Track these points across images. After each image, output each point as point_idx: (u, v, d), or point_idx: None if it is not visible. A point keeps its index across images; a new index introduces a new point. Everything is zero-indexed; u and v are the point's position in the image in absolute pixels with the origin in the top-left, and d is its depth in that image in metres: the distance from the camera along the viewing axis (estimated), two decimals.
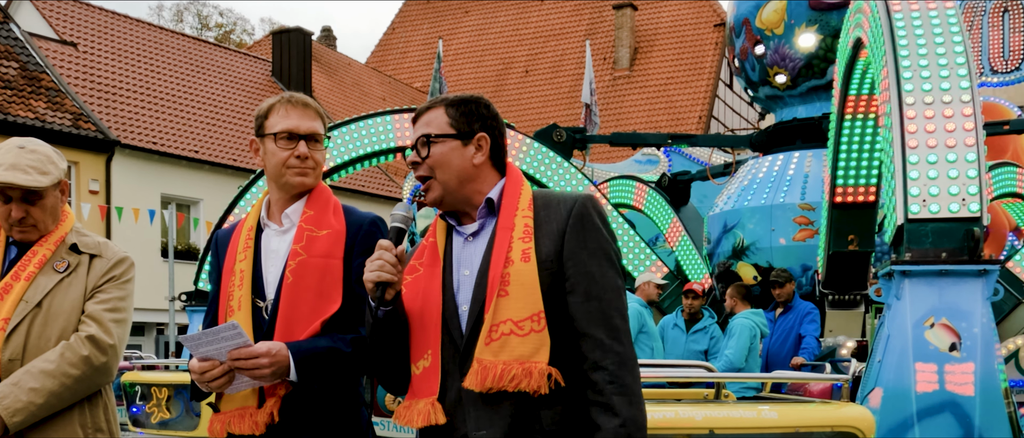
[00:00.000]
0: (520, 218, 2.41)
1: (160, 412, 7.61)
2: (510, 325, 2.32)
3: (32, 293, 3.11)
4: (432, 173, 2.45)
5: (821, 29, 10.94)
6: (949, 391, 5.08)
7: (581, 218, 2.40)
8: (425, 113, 2.51)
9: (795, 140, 11.43)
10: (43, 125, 20.30)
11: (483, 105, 2.52)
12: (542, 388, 2.30)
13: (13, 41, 21.76)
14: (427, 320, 2.45)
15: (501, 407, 2.32)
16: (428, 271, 2.49)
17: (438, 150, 2.45)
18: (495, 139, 2.51)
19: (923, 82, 5.70)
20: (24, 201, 3.12)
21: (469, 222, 2.50)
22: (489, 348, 2.33)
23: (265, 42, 36.24)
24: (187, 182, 23.82)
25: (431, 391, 2.41)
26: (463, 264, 2.46)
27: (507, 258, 2.36)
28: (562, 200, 2.44)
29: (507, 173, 2.53)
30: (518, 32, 42.69)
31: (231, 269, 2.82)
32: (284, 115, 2.82)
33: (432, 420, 2.38)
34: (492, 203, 2.47)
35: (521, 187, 2.49)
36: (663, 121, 36.75)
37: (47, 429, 3.06)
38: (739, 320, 8.24)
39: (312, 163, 2.82)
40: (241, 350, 2.58)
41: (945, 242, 5.32)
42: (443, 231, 2.54)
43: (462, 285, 2.44)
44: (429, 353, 2.44)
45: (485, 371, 2.31)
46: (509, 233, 2.40)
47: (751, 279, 10.89)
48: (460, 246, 2.49)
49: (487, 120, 2.51)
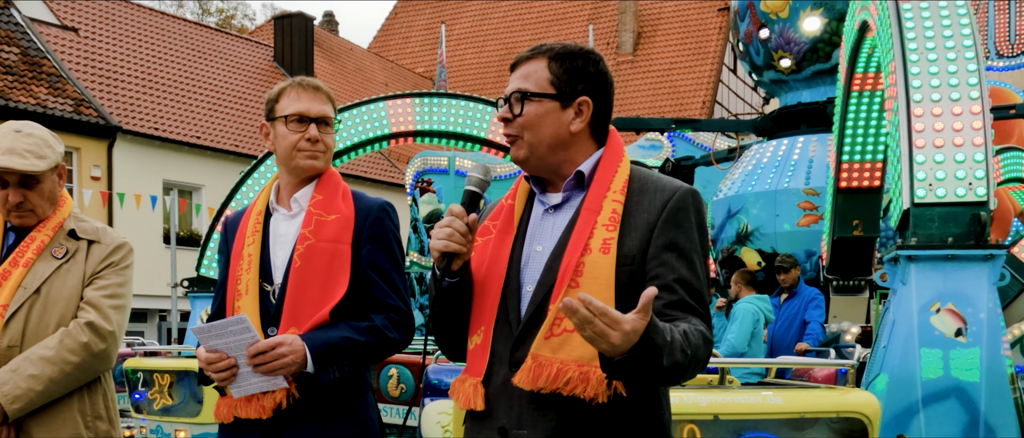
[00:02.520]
0: (609, 201, 2.15)
1: (162, 398, 7.60)
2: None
3: (30, 279, 3.10)
4: (521, 133, 2.19)
5: (826, 12, 10.88)
6: (954, 377, 5.06)
7: (676, 214, 2.13)
8: (525, 62, 2.24)
9: (800, 125, 11.39)
10: (44, 111, 20.26)
11: (592, 61, 2.22)
12: (600, 396, 2.07)
13: (14, 26, 21.72)
14: (487, 293, 2.21)
15: (549, 409, 2.10)
16: (499, 238, 2.24)
17: (532, 110, 2.18)
18: (599, 104, 2.22)
19: (930, 66, 5.66)
20: (21, 186, 3.10)
21: (553, 191, 2.25)
22: (548, 343, 2.09)
23: (267, 27, 36.15)
24: (189, 168, 23.80)
25: (478, 372, 2.21)
26: (537, 238, 2.22)
27: (586, 245, 2.11)
28: (660, 188, 2.16)
29: (607, 144, 2.26)
30: (521, 17, 42.60)
31: (239, 253, 2.82)
32: (295, 98, 2.82)
33: (472, 404, 2.19)
34: (582, 177, 2.21)
35: (619, 164, 2.21)
36: (666, 106, 36.69)
37: (46, 416, 3.05)
38: (742, 305, 8.23)
39: (322, 146, 2.82)
40: (258, 345, 2.56)
41: (951, 227, 5.28)
42: (524, 195, 2.29)
43: (531, 261, 2.20)
44: (482, 330, 2.21)
45: (539, 369, 2.08)
46: (594, 217, 2.14)
47: (755, 265, 10.86)
48: (539, 217, 2.25)
49: (594, 80, 2.22)
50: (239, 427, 2.73)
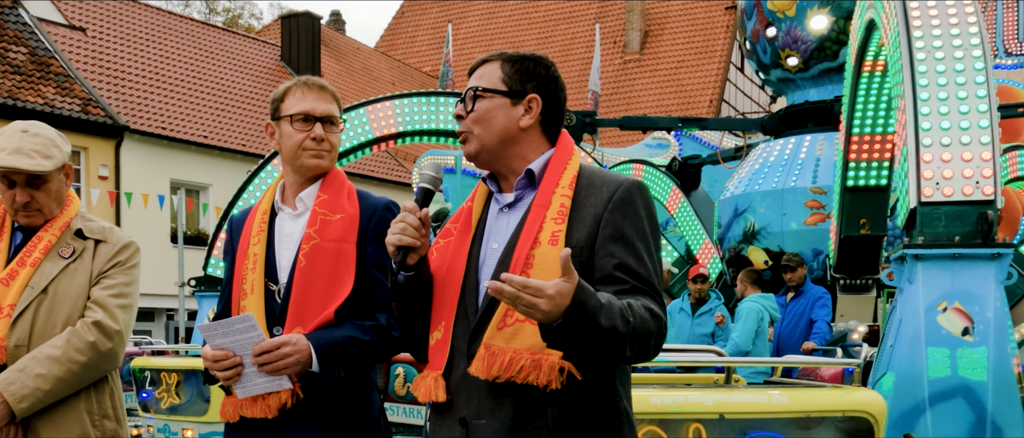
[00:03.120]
0: (558, 196, 2.23)
1: (169, 397, 7.62)
2: None
3: (38, 279, 3.10)
4: (472, 128, 2.30)
5: (834, 11, 10.88)
6: (961, 376, 5.05)
7: (622, 204, 2.21)
8: (481, 66, 2.38)
9: (807, 123, 11.39)
10: (52, 110, 20.31)
11: (543, 65, 2.35)
12: (553, 383, 2.13)
13: (22, 26, 21.77)
14: (447, 291, 2.31)
15: (505, 398, 2.17)
16: (458, 238, 2.35)
17: (483, 105, 2.30)
18: (550, 103, 2.33)
19: (937, 64, 5.65)
20: (28, 185, 3.10)
21: (509, 190, 2.34)
22: (501, 333, 2.17)
23: (274, 26, 36.19)
24: (196, 167, 23.84)
25: (438, 366, 2.29)
26: (493, 236, 2.31)
27: (535, 239, 2.19)
28: (607, 182, 2.25)
29: (558, 143, 2.35)
30: (528, 16, 42.59)
31: (245, 252, 2.83)
32: (300, 97, 2.82)
33: (433, 396, 2.26)
34: (532, 175, 2.30)
35: (568, 161, 2.30)
36: (674, 105, 36.66)
37: (54, 415, 3.06)
38: (747, 303, 8.22)
39: (328, 146, 2.82)
40: (263, 345, 2.57)
41: (958, 225, 5.27)
42: (482, 197, 2.40)
43: (488, 259, 2.29)
44: (442, 325, 2.30)
45: (492, 358, 2.16)
46: (543, 211, 2.23)
47: (762, 263, 10.86)
48: (494, 215, 2.34)
49: (544, 81, 2.33)
50: (244, 426, 2.74)
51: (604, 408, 2.22)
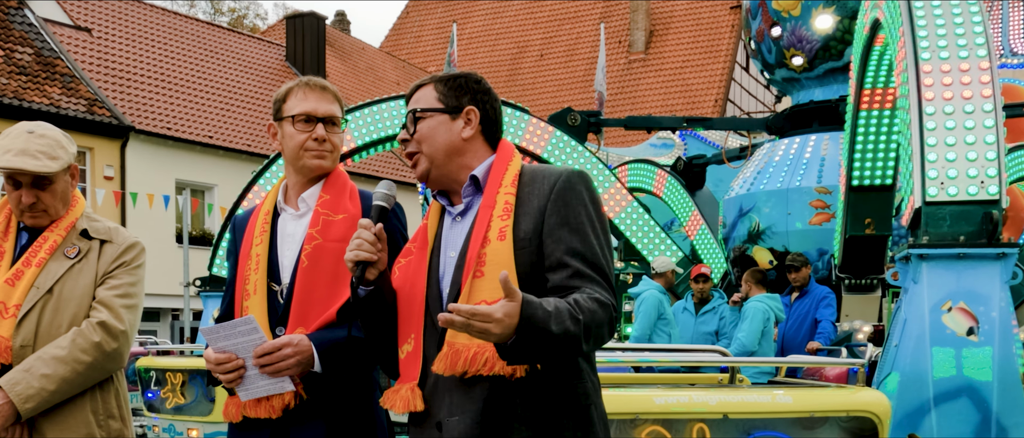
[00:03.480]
0: (502, 195, 2.33)
1: (175, 397, 7.64)
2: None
3: (43, 279, 3.11)
4: (419, 148, 2.40)
5: (839, 10, 10.87)
6: (966, 376, 5.04)
7: (563, 193, 2.31)
8: (416, 92, 2.47)
9: (812, 123, 11.38)
10: (58, 111, 20.35)
11: (474, 80, 2.46)
12: (517, 372, 2.22)
13: (28, 27, 21.82)
14: (413, 304, 2.40)
15: (474, 391, 2.25)
16: (418, 254, 2.44)
17: (426, 125, 2.40)
18: (486, 113, 2.44)
19: (942, 63, 5.64)
20: (34, 186, 3.11)
21: (459, 202, 2.43)
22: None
23: (279, 27, 36.23)
24: (201, 167, 23.86)
25: (412, 376, 2.37)
26: (450, 246, 2.41)
27: (484, 238, 2.29)
28: (548, 174, 2.35)
29: (498, 149, 2.45)
30: (533, 15, 42.59)
31: (248, 253, 2.83)
32: (302, 98, 2.83)
33: (411, 406, 2.34)
34: (477, 180, 2.40)
35: (508, 163, 2.40)
36: (679, 104, 36.64)
37: (59, 415, 3.06)
38: (752, 303, 8.21)
39: (329, 146, 2.83)
40: (264, 346, 2.58)
41: (963, 225, 5.27)
42: (437, 212, 2.49)
43: (447, 268, 2.39)
44: (412, 338, 2.39)
45: (455, 355, 2.25)
46: (490, 211, 2.32)
47: (767, 263, 10.85)
48: (448, 226, 2.44)
49: (478, 94, 2.44)
50: (248, 426, 2.74)
51: (571, 390, 2.30)
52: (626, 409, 3.22)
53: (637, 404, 3.26)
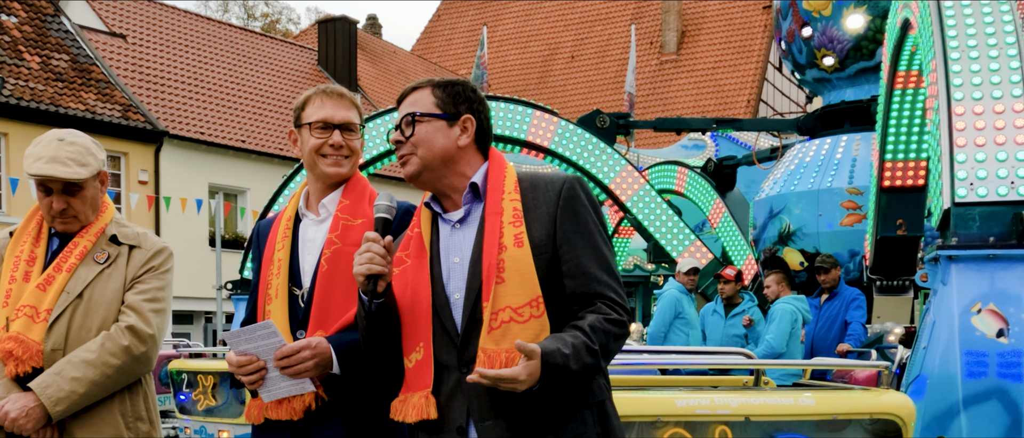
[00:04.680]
0: (508, 202, 2.38)
1: (206, 399, 7.72)
2: (509, 312, 2.29)
3: (73, 284, 3.17)
4: (414, 151, 2.43)
5: (870, 10, 10.78)
6: (996, 378, 4.99)
7: (570, 200, 2.38)
8: (411, 93, 2.50)
9: (843, 123, 11.29)
10: (93, 117, 20.60)
11: (470, 88, 2.51)
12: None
13: (64, 34, 22.10)
14: (418, 312, 2.42)
15: (504, 396, 2.27)
16: (416, 262, 2.46)
17: (423, 129, 2.43)
18: (480, 123, 2.49)
19: (971, 63, 5.59)
20: (64, 193, 3.17)
21: (453, 208, 2.47)
22: (491, 337, 2.30)
23: (311, 31, 36.47)
24: (234, 171, 24.06)
25: (425, 384, 2.39)
26: (453, 252, 2.44)
27: (500, 244, 2.33)
28: (549, 182, 2.42)
29: (490, 157, 2.50)
30: (564, 17, 42.56)
31: (270, 258, 2.88)
32: (319, 106, 2.87)
33: (425, 414, 2.37)
34: (477, 188, 2.43)
35: (505, 170, 2.46)
36: (711, 105, 36.48)
37: (88, 418, 3.12)
38: (780, 305, 8.17)
39: (347, 151, 2.87)
40: (283, 349, 2.63)
41: (993, 226, 5.21)
42: (428, 220, 2.51)
43: (453, 274, 2.42)
44: (421, 345, 2.41)
45: (491, 361, 2.28)
46: (499, 218, 2.37)
47: (798, 265, 10.79)
48: (447, 234, 2.46)
49: (474, 103, 2.49)
50: (270, 427, 2.80)
51: (587, 386, 2.38)
52: (648, 411, 3.23)
53: (659, 406, 3.27)
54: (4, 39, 20.58)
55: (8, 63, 20.08)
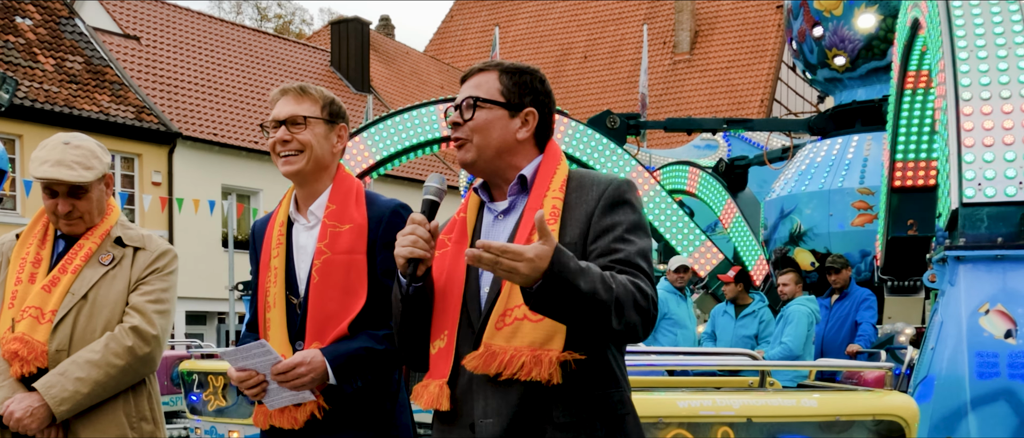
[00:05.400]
0: (550, 199, 2.29)
1: (217, 400, 7.75)
2: (524, 310, 2.16)
3: (78, 285, 3.20)
4: (470, 137, 2.33)
5: (881, 9, 10.75)
6: (1007, 379, 4.97)
7: (611, 203, 2.27)
8: (477, 74, 2.40)
9: (854, 123, 11.25)
10: (107, 118, 20.71)
11: (538, 79, 2.40)
12: (554, 378, 2.17)
13: (78, 36, 22.22)
14: (448, 300, 2.33)
15: (510, 395, 2.20)
16: (455, 248, 2.37)
17: (482, 116, 2.33)
18: (544, 116, 2.39)
19: (979, 63, 5.57)
20: (70, 196, 3.21)
21: (501, 198, 2.39)
22: (500, 333, 2.21)
23: (324, 32, 36.56)
24: (247, 172, 24.13)
25: (442, 374, 2.31)
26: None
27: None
28: (596, 182, 2.31)
29: (545, 151, 2.40)
30: (576, 18, 42.53)
31: (267, 264, 2.88)
32: (273, 106, 2.86)
33: (437, 404, 2.29)
34: (525, 180, 2.35)
35: (557, 166, 2.36)
36: (724, 105, 36.40)
37: (92, 418, 3.15)
38: (795, 307, 8.13)
39: (296, 146, 2.80)
40: (279, 366, 2.66)
41: (1001, 226, 5.18)
42: (475, 206, 2.43)
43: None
44: (445, 334, 2.33)
45: (491, 357, 2.20)
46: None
47: (809, 265, 10.75)
48: (490, 223, 2.39)
49: (540, 96, 2.39)
50: (276, 434, 2.82)
51: (607, 398, 2.27)
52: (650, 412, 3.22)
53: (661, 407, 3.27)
54: (19, 41, 20.71)
55: (23, 65, 20.20)
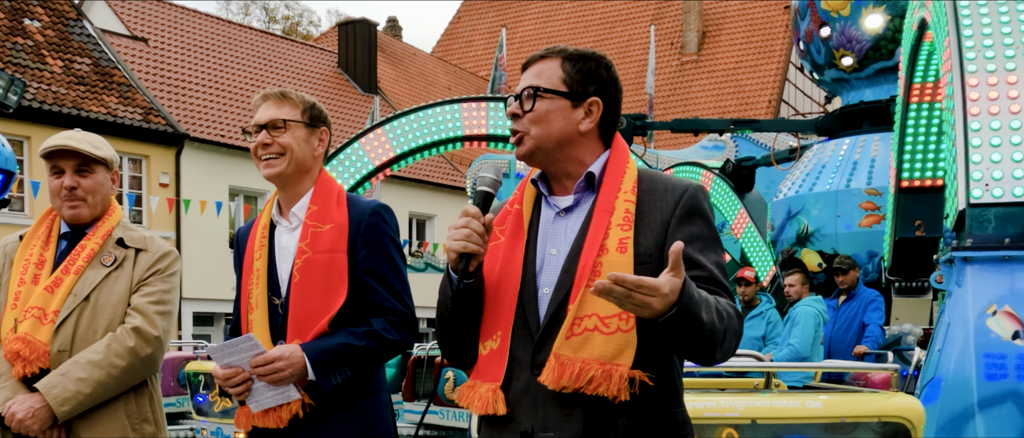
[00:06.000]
0: (621, 201, 2.15)
1: (222, 401, 7.76)
2: (595, 320, 2.06)
3: (80, 287, 3.20)
4: (528, 129, 2.19)
5: (888, 9, 10.73)
6: (1012, 381, 4.94)
7: (689, 211, 2.15)
8: (538, 61, 2.26)
9: (862, 123, 11.23)
10: (115, 120, 20.74)
11: (604, 65, 2.25)
12: (622, 394, 2.06)
13: (86, 38, 22.26)
14: (502, 298, 2.20)
15: (574, 409, 2.09)
16: (510, 243, 2.23)
17: (543, 106, 2.18)
18: (609, 106, 2.24)
19: (987, 63, 5.54)
20: (76, 173, 3.22)
21: (562, 193, 2.24)
22: (569, 343, 2.08)
23: (331, 34, 36.60)
24: (254, 174, 23.87)
25: (495, 377, 2.18)
26: (551, 241, 2.20)
27: (602, 246, 2.10)
28: (671, 187, 2.18)
29: (613, 146, 2.26)
30: (584, 18, 42.53)
31: (250, 267, 2.91)
32: (256, 111, 2.90)
33: (491, 409, 2.16)
34: (593, 178, 2.21)
35: (626, 164, 2.22)
36: (731, 106, 36.37)
37: (94, 419, 3.15)
38: (802, 308, 8.10)
39: (277, 148, 2.85)
40: (257, 358, 2.67)
41: (1009, 227, 5.16)
42: (531, 199, 2.28)
43: (546, 265, 2.19)
44: (498, 335, 2.19)
45: (562, 368, 2.07)
46: (607, 217, 2.14)
47: (816, 266, 10.73)
48: (549, 220, 2.24)
49: (605, 83, 2.24)
50: (259, 435, 2.85)
51: (670, 418, 2.18)
52: None
53: None
54: (27, 43, 20.76)
55: (31, 67, 20.25)
